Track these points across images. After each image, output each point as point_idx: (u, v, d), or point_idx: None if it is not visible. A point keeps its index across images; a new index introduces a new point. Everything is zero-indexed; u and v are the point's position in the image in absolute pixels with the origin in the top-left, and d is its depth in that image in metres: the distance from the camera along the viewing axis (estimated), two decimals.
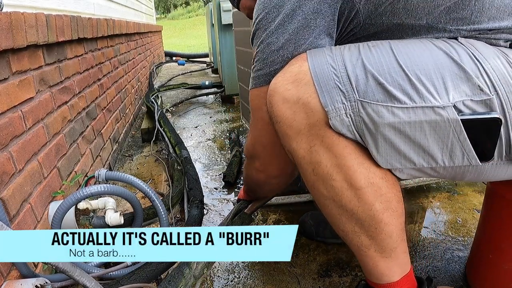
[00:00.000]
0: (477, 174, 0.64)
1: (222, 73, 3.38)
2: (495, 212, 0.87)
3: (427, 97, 0.58)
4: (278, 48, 0.69)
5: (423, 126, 0.59)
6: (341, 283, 1.03)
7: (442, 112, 0.57)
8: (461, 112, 0.58)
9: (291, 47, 0.69)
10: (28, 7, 1.31)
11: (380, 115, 0.59)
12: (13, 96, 0.97)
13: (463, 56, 0.60)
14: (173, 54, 6.94)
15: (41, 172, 1.09)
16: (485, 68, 0.58)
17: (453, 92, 0.58)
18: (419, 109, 0.58)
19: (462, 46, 0.62)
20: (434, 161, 0.62)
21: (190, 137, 2.49)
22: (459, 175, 0.65)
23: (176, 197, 1.37)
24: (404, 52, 0.61)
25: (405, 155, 0.62)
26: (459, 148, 0.60)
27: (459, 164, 0.62)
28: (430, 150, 0.61)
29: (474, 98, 0.57)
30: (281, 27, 0.68)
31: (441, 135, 0.59)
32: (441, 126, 0.58)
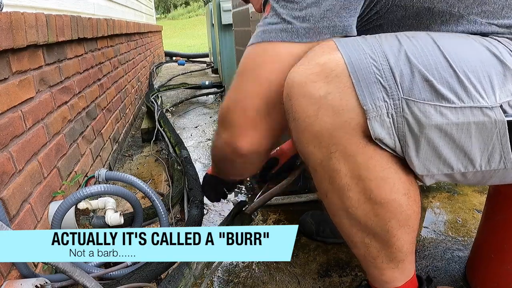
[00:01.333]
0: (503, 177, 0.61)
1: (222, 73, 3.38)
2: (499, 211, 0.86)
3: (476, 97, 0.54)
4: (307, 4, 0.59)
5: (470, 128, 0.55)
6: (341, 283, 1.03)
7: (490, 113, 0.54)
8: (506, 113, 0.54)
9: (324, 7, 0.59)
10: (28, 7, 1.31)
11: (427, 115, 0.54)
12: (13, 96, 0.97)
13: (505, 54, 0.56)
14: (173, 54, 6.94)
15: (41, 172, 1.09)
16: None
17: (499, 92, 0.54)
18: (467, 109, 0.54)
19: (501, 44, 0.58)
20: (472, 165, 0.58)
21: (190, 137, 2.49)
22: (485, 179, 0.62)
23: (176, 197, 1.37)
24: (448, 45, 0.56)
25: (445, 159, 0.58)
26: (498, 151, 0.56)
27: (494, 168, 0.58)
28: (472, 153, 0.57)
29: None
30: None
31: (486, 137, 0.55)
32: (487, 128, 0.54)
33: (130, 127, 2.62)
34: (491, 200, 0.90)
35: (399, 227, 0.64)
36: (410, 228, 0.66)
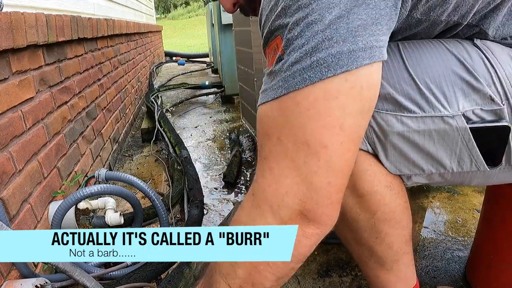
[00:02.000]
0: (484, 178, 0.64)
1: (222, 73, 3.38)
2: (497, 212, 0.86)
3: (437, 107, 0.57)
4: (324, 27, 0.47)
5: (431, 135, 0.58)
6: (341, 283, 1.02)
7: (451, 121, 0.57)
8: (470, 120, 0.57)
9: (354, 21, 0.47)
10: (28, 7, 1.31)
11: (389, 124, 0.58)
12: (13, 96, 0.97)
13: (477, 62, 0.58)
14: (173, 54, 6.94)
15: (41, 172, 1.09)
16: (499, 75, 0.57)
17: (463, 101, 0.57)
18: (428, 118, 0.57)
19: (476, 50, 0.59)
20: (442, 167, 0.61)
21: (190, 137, 2.49)
22: (467, 180, 0.64)
23: (176, 197, 1.37)
24: (414, 58, 0.59)
25: (414, 162, 0.61)
26: (467, 155, 0.59)
27: (467, 170, 0.61)
28: (439, 157, 0.60)
29: (484, 107, 0.57)
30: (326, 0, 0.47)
31: (450, 142, 0.59)
32: (449, 135, 0.58)
33: (130, 127, 2.62)
34: (488, 200, 0.90)
35: (385, 221, 0.65)
36: (397, 222, 0.67)
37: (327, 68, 0.47)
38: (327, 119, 0.48)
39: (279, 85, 0.50)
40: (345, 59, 0.46)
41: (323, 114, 0.48)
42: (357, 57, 0.47)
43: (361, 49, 0.47)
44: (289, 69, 0.49)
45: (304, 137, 0.48)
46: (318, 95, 0.47)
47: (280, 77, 0.50)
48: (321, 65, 0.47)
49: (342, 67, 0.46)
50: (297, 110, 0.48)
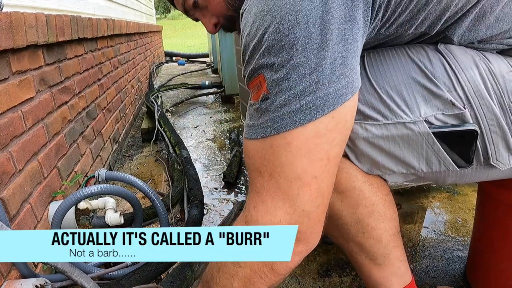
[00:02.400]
0: (458, 177, 0.66)
1: (222, 73, 3.38)
2: (489, 212, 0.87)
3: (398, 114, 0.60)
4: (311, 70, 0.49)
5: (396, 140, 0.61)
6: (341, 283, 1.03)
7: (413, 127, 0.60)
8: (433, 124, 0.60)
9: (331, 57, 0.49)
10: (28, 7, 1.31)
11: (354, 131, 0.61)
12: (13, 96, 0.97)
13: (437, 68, 0.60)
14: (173, 54, 6.94)
15: (41, 172, 1.09)
16: (460, 80, 0.59)
17: (425, 107, 0.59)
18: (391, 125, 0.60)
19: (439, 56, 0.61)
20: (412, 168, 0.64)
21: (190, 137, 2.49)
22: (441, 178, 0.67)
23: (176, 197, 1.37)
24: (376, 68, 0.62)
25: (383, 164, 0.64)
26: (434, 157, 0.62)
27: (437, 170, 0.63)
28: (406, 159, 0.63)
29: (446, 112, 0.59)
30: (309, 41, 0.49)
31: (415, 146, 0.61)
32: (413, 139, 0.61)
33: (130, 127, 2.62)
34: (481, 201, 0.91)
35: (368, 214, 0.67)
36: (381, 215, 0.69)
37: (315, 110, 0.50)
38: (317, 154, 0.52)
39: (267, 124, 0.53)
40: (331, 99, 0.50)
41: (313, 150, 0.52)
42: (341, 95, 0.50)
43: (344, 87, 0.51)
44: (277, 110, 0.51)
45: (295, 172, 0.52)
46: (309, 135, 0.51)
47: (268, 116, 0.53)
48: (310, 108, 0.50)
49: (329, 107, 0.50)
50: (289, 149, 0.52)
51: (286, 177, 0.53)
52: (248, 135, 0.57)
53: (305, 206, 0.54)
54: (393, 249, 0.71)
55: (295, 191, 0.53)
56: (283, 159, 0.52)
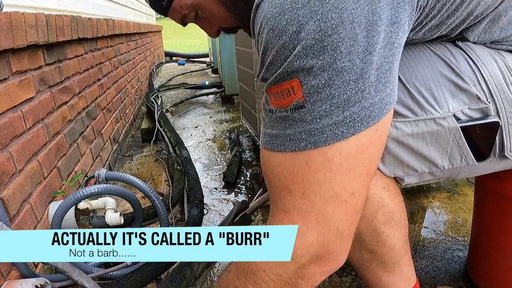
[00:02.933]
0: (470, 171, 0.66)
1: (222, 73, 3.38)
2: (489, 208, 0.87)
3: (428, 109, 0.59)
4: (356, 77, 0.44)
5: (425, 136, 0.60)
6: (341, 283, 1.02)
7: (443, 122, 0.59)
8: (459, 119, 0.60)
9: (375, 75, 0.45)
10: (28, 7, 1.31)
11: None
12: (13, 96, 0.97)
13: (461, 63, 0.60)
14: (173, 54, 6.94)
15: (41, 172, 1.09)
16: (483, 75, 0.59)
17: (452, 102, 0.59)
18: (421, 121, 0.59)
19: (460, 51, 0.61)
20: (435, 166, 0.63)
21: (190, 137, 2.49)
22: (454, 174, 0.67)
23: (176, 197, 1.37)
24: (402, 63, 0.60)
25: (408, 164, 0.63)
26: (457, 152, 0.61)
27: (457, 166, 0.63)
28: (431, 157, 0.62)
29: (472, 106, 0.59)
30: (355, 44, 0.43)
31: (442, 142, 0.61)
32: (441, 135, 0.60)
33: (130, 127, 2.62)
34: (480, 197, 0.91)
35: (385, 223, 0.66)
36: (397, 223, 0.68)
37: (360, 122, 0.45)
38: (358, 170, 0.48)
39: (301, 137, 0.47)
40: (376, 110, 0.46)
41: (354, 166, 0.47)
42: (385, 104, 0.46)
43: (388, 95, 0.46)
44: (315, 122, 0.45)
45: (333, 190, 0.47)
46: (351, 150, 0.46)
47: (302, 128, 0.46)
48: (354, 120, 0.45)
49: (374, 119, 0.46)
50: (328, 166, 0.47)
51: (322, 196, 0.48)
52: (270, 145, 0.51)
53: (339, 224, 0.50)
54: (404, 255, 0.71)
55: (330, 210, 0.48)
56: (320, 177, 0.47)
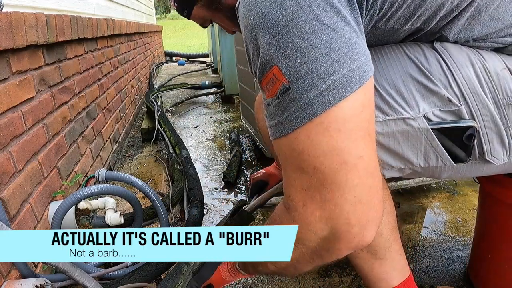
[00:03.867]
0: (453, 172, 0.67)
1: (222, 73, 3.38)
2: (490, 213, 0.87)
3: (398, 110, 0.61)
4: (327, 50, 0.47)
5: (395, 136, 0.62)
6: (341, 283, 1.03)
7: (413, 123, 0.61)
8: (431, 121, 0.61)
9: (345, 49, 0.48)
10: (28, 7, 1.31)
11: None
12: (13, 96, 0.97)
13: (433, 65, 0.61)
14: (173, 54, 6.94)
15: (41, 172, 1.09)
16: (456, 78, 0.60)
17: (423, 104, 0.60)
18: (391, 121, 0.61)
19: (435, 53, 0.62)
20: (410, 163, 0.65)
21: (190, 137, 2.49)
22: (437, 173, 0.68)
23: (176, 197, 1.37)
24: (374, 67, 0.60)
25: (382, 160, 0.64)
26: (432, 152, 0.63)
27: (434, 165, 0.64)
28: (405, 155, 0.64)
29: (443, 108, 0.60)
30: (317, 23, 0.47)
31: (414, 142, 0.62)
32: (412, 135, 0.62)
33: (130, 127, 2.62)
34: (482, 201, 0.91)
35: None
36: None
37: (343, 88, 0.47)
38: (359, 133, 0.48)
39: (296, 115, 0.49)
40: (357, 76, 0.47)
41: (354, 129, 0.48)
42: (364, 71, 0.48)
43: (364, 64, 0.48)
44: (303, 97, 0.48)
45: (340, 157, 0.48)
46: (346, 115, 0.47)
47: (294, 107, 0.49)
48: (338, 87, 0.47)
49: (357, 83, 0.47)
50: (328, 134, 0.48)
51: (331, 166, 0.48)
52: (277, 134, 0.53)
53: (355, 191, 0.49)
54: (393, 243, 0.72)
55: (343, 177, 0.48)
56: (324, 146, 0.48)
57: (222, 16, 0.74)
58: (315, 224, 0.52)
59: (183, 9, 0.75)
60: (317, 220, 0.52)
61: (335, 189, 0.49)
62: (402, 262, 0.75)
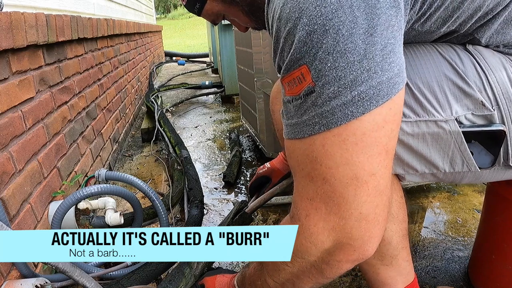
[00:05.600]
0: (475, 178, 0.66)
1: (222, 73, 3.38)
2: (497, 213, 0.86)
3: (430, 111, 0.59)
4: (360, 58, 0.44)
5: (425, 138, 0.60)
6: (341, 283, 1.02)
7: (444, 125, 0.59)
8: (462, 124, 0.59)
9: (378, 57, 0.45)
10: (28, 7, 1.31)
11: None
12: (13, 96, 0.97)
13: (468, 67, 0.59)
14: (173, 54, 6.94)
15: (41, 172, 1.09)
16: (490, 81, 0.58)
17: (456, 106, 0.58)
18: (422, 122, 0.59)
19: (468, 55, 0.60)
20: (435, 168, 0.63)
21: (190, 137, 2.49)
22: (458, 179, 0.66)
23: (176, 197, 1.37)
24: (408, 63, 0.59)
25: (407, 163, 0.63)
26: (459, 157, 0.61)
27: (459, 171, 0.63)
28: (432, 158, 0.62)
29: (476, 112, 0.58)
30: (355, 26, 0.44)
31: (443, 145, 0.60)
32: (443, 138, 0.59)
33: (130, 127, 2.62)
34: (488, 201, 0.91)
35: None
36: (394, 217, 0.68)
37: (369, 101, 0.45)
38: (375, 149, 0.47)
39: (315, 121, 0.47)
40: (385, 88, 0.45)
41: (371, 145, 0.46)
42: (394, 84, 0.46)
43: (396, 75, 0.46)
44: (325, 104, 0.46)
45: (352, 172, 0.47)
46: (366, 129, 0.46)
47: (315, 112, 0.47)
48: (363, 99, 0.45)
49: (384, 97, 0.45)
50: (344, 146, 0.46)
51: (342, 179, 0.47)
52: (292, 135, 0.52)
53: (362, 208, 0.48)
54: (402, 250, 0.71)
55: (351, 192, 0.48)
56: (338, 158, 0.47)
57: (238, 11, 0.70)
58: (317, 236, 0.51)
59: (195, 4, 0.71)
60: (320, 232, 0.51)
61: (342, 203, 0.48)
62: (408, 268, 0.74)
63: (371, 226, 0.49)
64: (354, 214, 0.48)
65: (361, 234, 0.50)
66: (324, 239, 0.51)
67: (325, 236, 0.51)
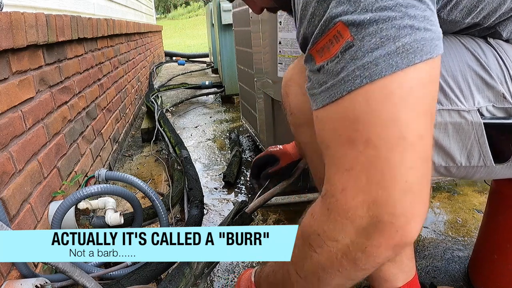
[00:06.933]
0: (487, 173, 0.65)
1: (222, 73, 3.38)
2: (501, 212, 0.86)
3: (454, 100, 0.58)
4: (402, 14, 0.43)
5: (447, 128, 0.59)
6: None
7: (467, 116, 0.58)
8: (483, 115, 0.58)
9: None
10: (28, 7, 1.31)
11: None
12: (13, 96, 0.97)
13: (490, 59, 0.59)
14: (173, 54, 6.94)
15: (41, 172, 1.09)
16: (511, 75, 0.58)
17: (478, 97, 0.58)
18: (445, 111, 0.59)
19: (491, 48, 0.60)
20: (452, 160, 0.62)
21: (190, 137, 2.49)
22: (470, 174, 0.66)
23: (176, 197, 1.37)
24: None
25: None
26: (477, 150, 0.61)
27: (474, 165, 0.62)
28: (451, 150, 0.61)
29: (496, 104, 0.58)
30: None
31: (463, 137, 0.60)
32: (464, 129, 0.59)
33: (130, 127, 2.62)
34: (492, 200, 0.90)
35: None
36: None
37: (413, 54, 0.42)
38: (422, 107, 0.43)
39: (355, 74, 0.43)
40: (428, 46, 0.42)
41: (419, 102, 0.43)
42: (436, 46, 0.43)
43: (437, 38, 0.44)
44: (367, 56, 0.42)
45: (399, 130, 0.42)
46: (413, 83, 0.42)
47: (355, 65, 0.43)
48: (408, 50, 0.41)
49: (427, 54, 0.42)
50: (391, 99, 0.42)
51: (388, 139, 0.42)
52: (326, 100, 0.46)
53: (408, 175, 0.42)
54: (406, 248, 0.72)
55: (397, 156, 0.42)
56: (384, 114, 0.42)
57: None
58: (355, 211, 0.45)
59: None
60: (359, 205, 0.44)
61: (387, 169, 0.43)
62: (410, 265, 0.74)
63: (415, 200, 0.43)
64: (399, 183, 0.43)
65: (404, 210, 0.43)
66: (363, 214, 0.45)
67: (364, 211, 0.44)
